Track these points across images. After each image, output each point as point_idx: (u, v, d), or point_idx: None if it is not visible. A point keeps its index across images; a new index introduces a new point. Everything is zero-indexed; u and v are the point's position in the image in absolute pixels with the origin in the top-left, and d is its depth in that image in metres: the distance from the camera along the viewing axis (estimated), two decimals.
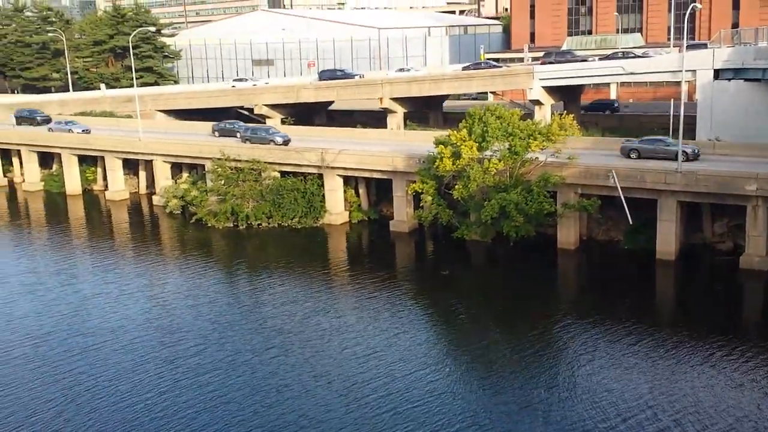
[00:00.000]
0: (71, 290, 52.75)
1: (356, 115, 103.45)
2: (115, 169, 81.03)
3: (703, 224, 55.46)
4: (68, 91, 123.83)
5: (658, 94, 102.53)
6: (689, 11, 62.25)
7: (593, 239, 58.43)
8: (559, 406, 34.18)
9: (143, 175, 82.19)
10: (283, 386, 36.91)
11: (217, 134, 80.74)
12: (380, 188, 67.65)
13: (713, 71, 71.98)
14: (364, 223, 67.03)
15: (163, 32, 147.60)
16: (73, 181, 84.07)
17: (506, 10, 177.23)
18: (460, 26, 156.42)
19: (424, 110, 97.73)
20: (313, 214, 65.92)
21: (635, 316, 44.07)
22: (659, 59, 79.17)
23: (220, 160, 68.20)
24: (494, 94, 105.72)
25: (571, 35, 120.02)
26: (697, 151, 57.94)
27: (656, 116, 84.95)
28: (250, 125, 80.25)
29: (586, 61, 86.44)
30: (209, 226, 66.85)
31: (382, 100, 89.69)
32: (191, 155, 74.11)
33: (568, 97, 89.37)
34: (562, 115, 58.43)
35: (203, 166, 72.68)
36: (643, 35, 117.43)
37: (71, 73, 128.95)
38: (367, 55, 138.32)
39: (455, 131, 57.42)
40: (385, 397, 35.43)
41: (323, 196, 66.49)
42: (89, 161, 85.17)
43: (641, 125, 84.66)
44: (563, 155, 55.89)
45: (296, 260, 58.36)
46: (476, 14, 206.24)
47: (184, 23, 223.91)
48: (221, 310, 47.75)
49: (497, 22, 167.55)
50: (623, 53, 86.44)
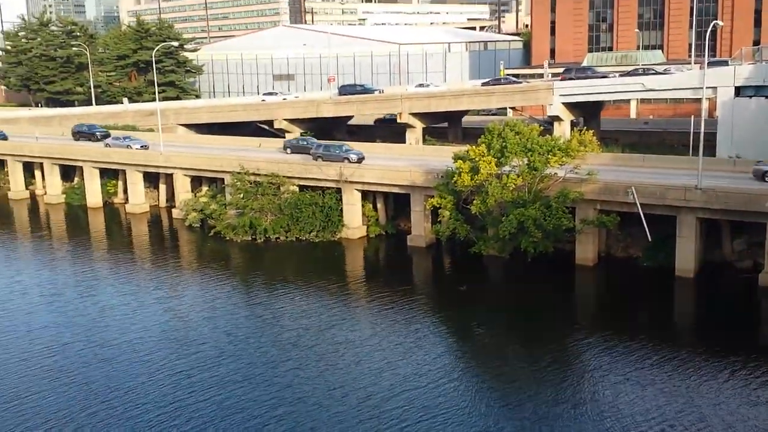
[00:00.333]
0: (90, 301, 53.18)
1: (375, 129, 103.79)
2: (135, 182, 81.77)
3: (722, 242, 54.91)
4: (91, 104, 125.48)
5: (678, 110, 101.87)
6: (710, 28, 62.02)
7: (612, 256, 58.02)
8: (573, 420, 33.92)
9: (163, 188, 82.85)
10: (297, 399, 36.89)
11: (288, 151, 77.89)
12: (398, 203, 67.72)
13: (734, 88, 71.55)
14: (381, 237, 67.07)
15: (185, 47, 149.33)
16: (94, 193, 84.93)
17: (527, 26, 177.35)
18: (480, 42, 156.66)
19: (443, 125, 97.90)
20: (330, 228, 66.06)
21: (653, 333, 43.65)
22: (680, 76, 78.79)
23: (239, 173, 68.66)
24: (514, 109, 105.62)
25: (591, 51, 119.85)
26: None
27: (676, 133, 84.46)
28: (322, 142, 75.91)
29: (606, 77, 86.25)
30: (228, 239, 67.21)
31: (401, 115, 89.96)
32: (211, 169, 74.65)
33: (588, 113, 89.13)
34: (581, 130, 58.27)
35: (223, 179, 73.18)
36: (664, 52, 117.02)
37: (94, 86, 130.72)
38: (387, 70, 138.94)
39: (474, 146, 57.41)
40: (398, 410, 35.29)
41: (341, 210, 66.66)
42: (110, 174, 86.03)
43: (662, 142, 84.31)
44: (582, 171, 55.67)
45: (313, 274, 58.46)
46: (496, 30, 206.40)
47: (206, 38, 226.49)
48: (238, 322, 47.91)
49: (517, 38, 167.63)
50: (644, 70, 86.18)
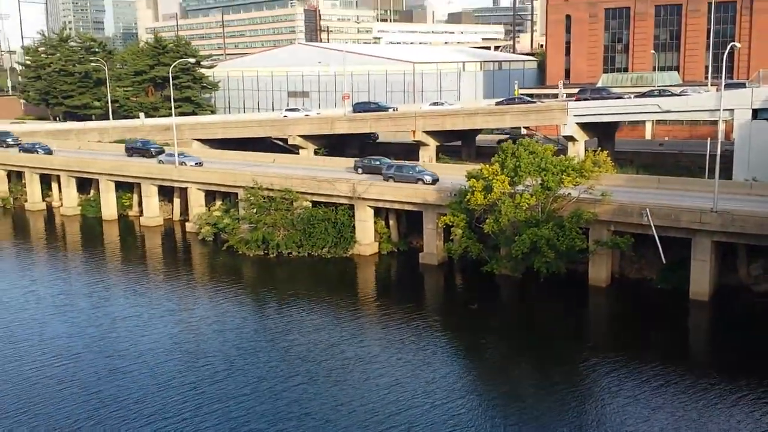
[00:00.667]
0: (102, 312, 53.34)
1: (389, 147, 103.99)
2: (150, 195, 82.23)
3: (738, 265, 54.40)
4: (108, 119, 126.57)
5: (694, 132, 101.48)
6: (728, 50, 61.84)
7: (625, 277, 57.60)
8: None
9: (177, 201, 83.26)
10: (304, 414, 36.74)
11: (359, 171, 74.40)
12: (410, 220, 67.68)
13: (751, 111, 71.13)
14: (393, 254, 66.97)
15: (202, 64, 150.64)
16: (109, 206, 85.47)
17: (541, 46, 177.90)
18: (494, 62, 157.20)
19: (456, 144, 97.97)
20: (343, 244, 66.06)
21: (665, 356, 43.19)
22: (696, 98, 78.49)
23: (252, 188, 68.92)
24: (527, 129, 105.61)
25: (606, 72, 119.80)
26: None
27: (692, 154, 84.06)
28: (394, 162, 73.09)
29: (621, 98, 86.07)
30: (240, 253, 67.34)
31: (415, 132, 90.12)
32: (225, 183, 74.97)
33: (602, 133, 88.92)
34: (596, 151, 58.10)
35: (236, 194, 73.45)
36: (680, 73, 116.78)
37: (112, 101, 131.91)
38: (401, 88, 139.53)
39: (487, 165, 57.37)
40: (404, 427, 35.06)
41: (353, 226, 66.67)
42: (125, 187, 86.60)
43: (677, 164, 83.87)
44: (596, 192, 55.45)
45: (325, 289, 58.39)
46: (511, 50, 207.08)
47: (223, 55, 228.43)
48: (248, 336, 47.87)
49: (532, 58, 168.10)
50: (659, 91, 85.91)
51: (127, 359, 44.22)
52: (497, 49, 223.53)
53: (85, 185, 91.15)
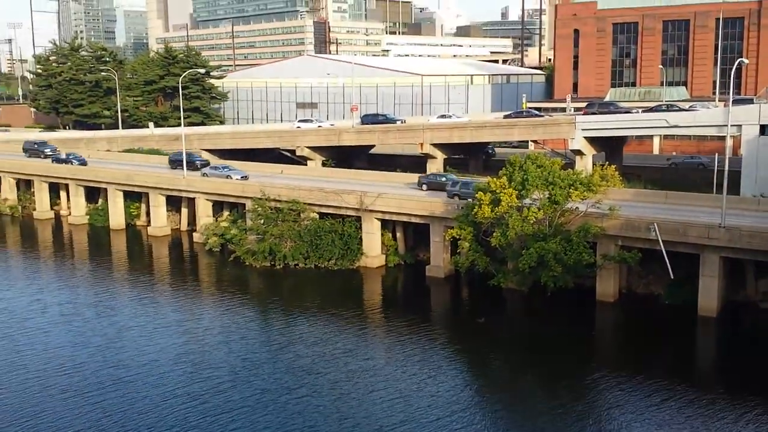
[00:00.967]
0: (107, 322, 53.36)
1: (397, 159, 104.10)
2: (158, 205, 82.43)
3: (746, 281, 54.10)
4: (118, 128, 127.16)
5: (702, 147, 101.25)
6: (735, 66, 61.73)
7: (633, 292, 57.34)
8: None
9: (185, 212, 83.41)
10: (308, 427, 36.61)
11: (424, 188, 71.19)
12: (417, 233, 67.58)
13: (759, 126, 70.91)
14: (400, 267, 66.86)
15: (211, 74, 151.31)
16: (117, 215, 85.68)
17: (549, 60, 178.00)
18: (502, 75, 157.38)
19: (464, 157, 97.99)
20: (349, 256, 65.99)
21: (672, 372, 42.95)
22: (704, 113, 78.36)
23: (260, 199, 69.01)
24: (535, 142, 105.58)
25: (614, 87, 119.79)
26: None
27: (699, 170, 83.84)
28: (461, 179, 69.92)
29: (629, 112, 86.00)
30: (247, 264, 67.34)
31: (422, 145, 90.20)
32: (232, 194, 75.10)
33: (610, 148, 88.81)
34: (603, 165, 57.99)
35: (244, 205, 73.56)
36: (687, 89, 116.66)
37: (121, 111, 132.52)
38: (409, 101, 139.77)
39: (495, 178, 57.33)
40: None
41: (360, 238, 66.63)
42: (133, 197, 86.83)
43: (685, 179, 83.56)
44: (604, 206, 55.31)
45: (331, 302, 58.30)
46: (519, 64, 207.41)
47: (232, 66, 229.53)
48: (253, 347, 47.80)
49: (540, 71, 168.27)
50: (667, 106, 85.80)
51: (131, 369, 44.18)
52: (505, 62, 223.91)
53: (93, 194, 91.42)
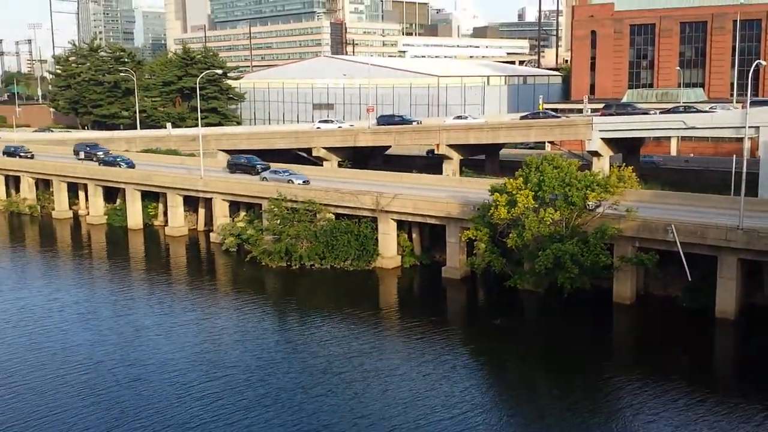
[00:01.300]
0: (125, 321, 53.76)
1: (412, 160, 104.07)
2: (175, 205, 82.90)
3: (764, 284, 53.60)
4: (136, 128, 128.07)
5: (719, 149, 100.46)
6: (753, 68, 61.26)
7: (650, 294, 56.97)
8: None
9: (202, 212, 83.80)
10: (323, 426, 36.71)
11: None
12: (433, 234, 67.53)
13: None
14: (416, 268, 66.82)
15: (229, 75, 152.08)
16: (135, 215, 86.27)
17: (566, 61, 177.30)
18: (519, 76, 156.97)
19: (480, 158, 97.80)
20: (365, 257, 66.04)
21: (689, 374, 42.68)
22: (721, 115, 77.74)
23: (276, 200, 69.24)
24: (552, 144, 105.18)
25: (631, 88, 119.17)
26: None
27: (717, 171, 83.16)
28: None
29: (647, 113, 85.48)
30: (263, 264, 67.57)
31: (438, 146, 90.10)
32: (249, 194, 75.40)
33: (627, 149, 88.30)
34: (621, 167, 57.68)
35: (260, 205, 73.84)
36: (705, 90, 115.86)
37: (140, 111, 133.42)
38: (425, 102, 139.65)
39: (511, 179, 57.19)
40: None
41: (376, 239, 66.66)
42: (151, 197, 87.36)
43: (702, 180, 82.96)
44: (621, 207, 55.02)
45: (346, 302, 58.39)
46: (536, 65, 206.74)
47: (249, 67, 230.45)
48: (269, 347, 47.99)
49: (557, 73, 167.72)
50: (685, 107, 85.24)
51: (148, 368, 44.48)
52: (522, 63, 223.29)
53: (112, 194, 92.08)
